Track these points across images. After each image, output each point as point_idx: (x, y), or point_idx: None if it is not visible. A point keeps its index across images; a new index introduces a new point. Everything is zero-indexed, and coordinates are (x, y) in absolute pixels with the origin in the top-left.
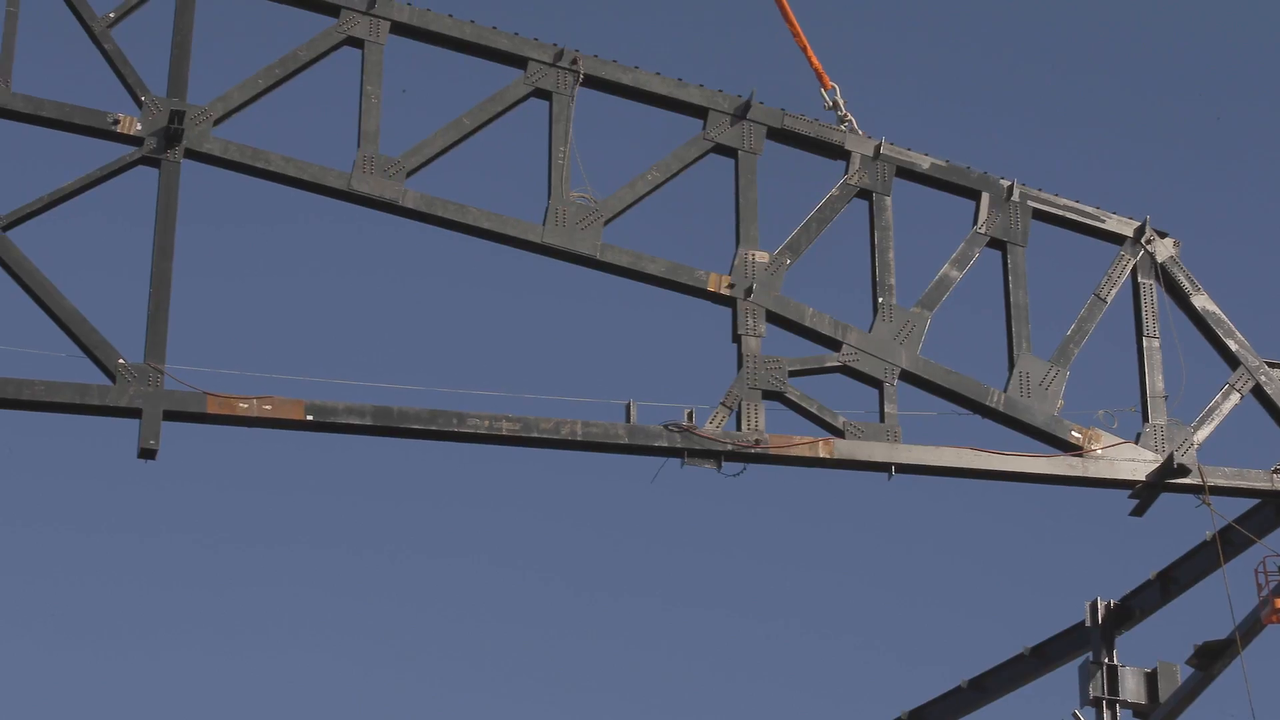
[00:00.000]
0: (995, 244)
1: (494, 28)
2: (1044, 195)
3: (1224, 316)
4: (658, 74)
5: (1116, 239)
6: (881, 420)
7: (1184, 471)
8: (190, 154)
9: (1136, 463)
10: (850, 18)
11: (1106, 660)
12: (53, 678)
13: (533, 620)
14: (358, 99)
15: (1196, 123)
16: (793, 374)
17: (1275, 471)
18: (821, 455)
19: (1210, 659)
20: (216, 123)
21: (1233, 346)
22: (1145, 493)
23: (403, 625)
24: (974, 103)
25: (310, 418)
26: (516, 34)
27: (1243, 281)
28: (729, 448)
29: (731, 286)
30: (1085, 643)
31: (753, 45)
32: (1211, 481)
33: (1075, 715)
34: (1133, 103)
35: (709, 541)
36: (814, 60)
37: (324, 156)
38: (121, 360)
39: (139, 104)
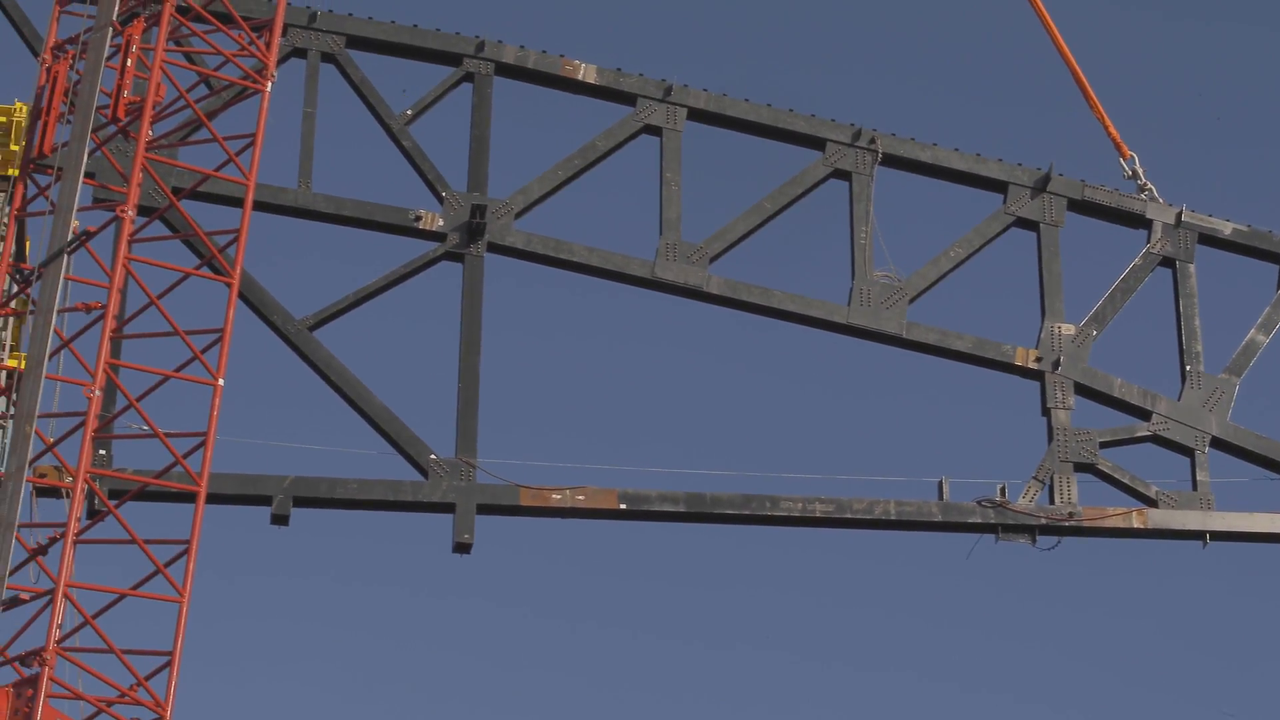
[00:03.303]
0: None
1: (791, 110)
2: None
3: None
4: (956, 150)
5: None
6: (1194, 488)
7: None
8: (493, 247)
9: None
10: (1144, 86)
11: None
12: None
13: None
14: (655, 185)
15: None
16: (1103, 445)
17: None
18: (1136, 525)
19: None
20: (518, 215)
21: None
22: None
23: None
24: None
25: (624, 506)
26: (814, 115)
27: None
28: (1043, 521)
29: (1039, 360)
30: None
31: (1048, 118)
32: None
33: None
34: None
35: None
36: (1111, 130)
37: (622, 243)
38: (433, 455)
39: (440, 200)
